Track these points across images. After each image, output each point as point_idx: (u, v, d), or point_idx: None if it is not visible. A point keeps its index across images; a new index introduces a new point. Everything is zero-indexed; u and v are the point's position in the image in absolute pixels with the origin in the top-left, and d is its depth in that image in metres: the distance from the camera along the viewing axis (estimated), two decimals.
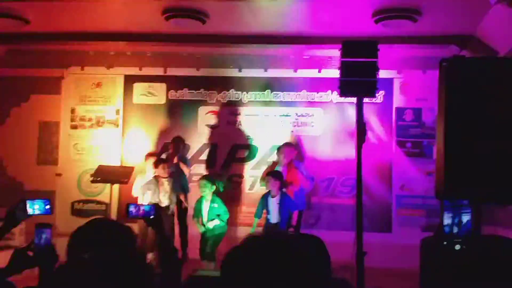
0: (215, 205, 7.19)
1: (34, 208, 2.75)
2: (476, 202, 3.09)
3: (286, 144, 7.81)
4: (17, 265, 2.51)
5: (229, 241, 7.83)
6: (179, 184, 7.60)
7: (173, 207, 7.45)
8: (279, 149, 7.72)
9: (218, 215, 7.15)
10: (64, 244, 2.69)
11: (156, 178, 7.37)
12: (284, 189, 7.09)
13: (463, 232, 2.83)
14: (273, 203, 6.97)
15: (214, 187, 7.24)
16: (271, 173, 7.14)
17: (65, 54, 8.65)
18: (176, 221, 7.68)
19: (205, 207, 7.19)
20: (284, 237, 1.37)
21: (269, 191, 7.04)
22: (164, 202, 7.22)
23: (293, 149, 7.74)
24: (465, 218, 2.88)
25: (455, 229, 2.85)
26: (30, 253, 2.61)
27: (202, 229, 7.16)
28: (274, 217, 6.96)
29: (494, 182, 3.05)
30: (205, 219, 7.17)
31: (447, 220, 2.90)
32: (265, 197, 7.08)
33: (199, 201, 7.26)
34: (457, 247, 2.83)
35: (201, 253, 7.19)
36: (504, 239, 2.82)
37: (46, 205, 2.75)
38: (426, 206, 8.06)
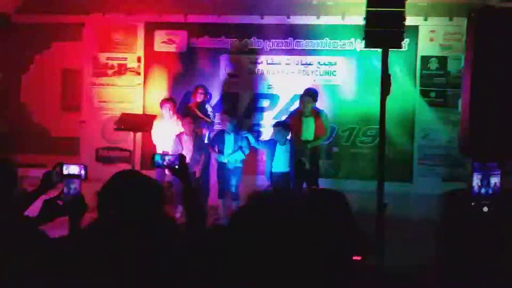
0: (237, 137, 7.17)
1: (69, 171, 2.80)
2: (501, 158, 3.07)
3: (306, 93, 7.47)
4: (48, 214, 2.58)
5: (248, 189, 7.95)
6: (203, 143, 7.44)
7: (198, 167, 7.21)
8: (301, 97, 7.55)
9: (241, 147, 7.18)
10: (90, 189, 2.77)
11: (179, 135, 7.24)
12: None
13: (491, 194, 2.83)
14: (283, 152, 6.98)
15: (235, 121, 7.27)
16: (281, 124, 7.14)
17: (86, 1, 8.59)
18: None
19: (228, 140, 7.20)
20: (291, 196, 1.42)
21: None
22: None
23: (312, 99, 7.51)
24: (494, 179, 2.87)
25: (483, 190, 2.85)
26: (60, 203, 2.68)
27: (221, 158, 7.17)
28: (282, 166, 6.99)
29: None
30: (227, 151, 7.19)
31: (476, 181, 2.89)
32: (272, 144, 7.07)
33: (220, 133, 7.28)
34: (485, 209, 2.84)
35: (219, 190, 7.30)
36: None
37: (81, 170, 2.79)
38: (448, 156, 8.01)
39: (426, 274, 4.53)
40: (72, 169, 2.75)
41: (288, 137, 7.02)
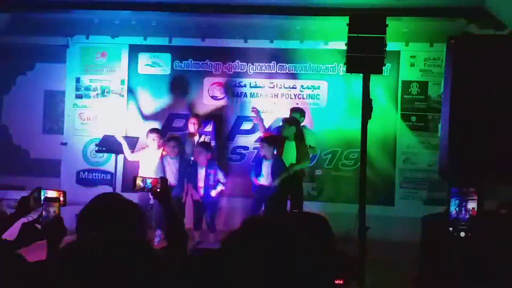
0: (212, 171, 7.21)
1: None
2: (480, 182, 3.10)
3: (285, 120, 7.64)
4: (26, 238, 2.54)
5: (233, 213, 7.94)
6: (187, 165, 7.35)
7: (183, 193, 7.18)
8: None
9: (219, 181, 7.21)
10: (69, 212, 2.72)
11: (162, 158, 7.22)
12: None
13: (468, 219, 2.86)
14: (266, 166, 7.11)
15: (210, 154, 7.28)
16: (265, 140, 7.23)
17: (69, 23, 8.58)
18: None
19: (201, 172, 7.22)
20: (282, 221, 1.45)
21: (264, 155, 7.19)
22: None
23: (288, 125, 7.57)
24: (471, 204, 2.91)
25: (460, 216, 2.89)
26: (38, 226, 2.64)
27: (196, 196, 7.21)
28: (265, 180, 7.13)
29: (501, 162, 3.05)
30: (200, 184, 7.20)
31: (453, 206, 2.93)
32: (258, 159, 7.27)
33: (194, 166, 7.27)
34: (462, 234, 2.87)
35: (195, 222, 7.29)
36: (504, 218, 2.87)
37: (60, 196, 2.74)
38: (429, 180, 8.08)
39: None
40: (50, 194, 2.71)
41: (275, 152, 7.08)
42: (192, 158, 7.43)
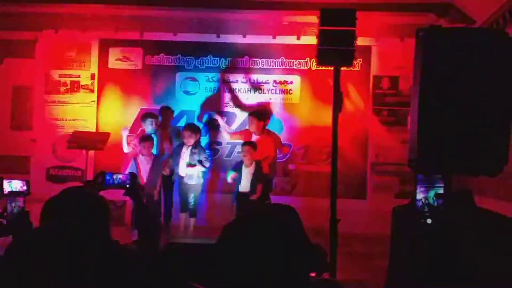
0: (196, 151, 7.20)
1: (12, 187, 2.71)
2: (449, 173, 3.15)
3: (251, 113, 7.68)
4: None
5: (207, 207, 7.95)
6: (161, 165, 7.27)
7: (155, 191, 7.07)
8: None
9: (200, 161, 7.18)
10: (38, 209, 2.68)
11: (136, 157, 7.13)
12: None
13: (435, 206, 2.90)
14: (247, 173, 7.01)
15: (198, 136, 7.28)
16: (247, 144, 7.16)
17: (38, 17, 8.41)
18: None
19: (185, 153, 7.20)
20: (273, 214, 1.49)
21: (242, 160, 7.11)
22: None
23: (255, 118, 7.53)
24: (438, 191, 2.95)
25: (427, 203, 2.92)
26: (3, 221, 2.59)
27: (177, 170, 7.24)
28: (244, 186, 7.02)
29: (467, 153, 3.10)
30: (183, 162, 7.21)
31: (420, 194, 2.97)
32: (239, 165, 7.14)
33: (180, 146, 7.26)
34: (429, 221, 2.91)
35: (180, 205, 7.33)
36: (470, 210, 2.91)
37: (24, 185, 2.70)
38: (400, 174, 8.17)
39: None
40: (14, 184, 2.68)
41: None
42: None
